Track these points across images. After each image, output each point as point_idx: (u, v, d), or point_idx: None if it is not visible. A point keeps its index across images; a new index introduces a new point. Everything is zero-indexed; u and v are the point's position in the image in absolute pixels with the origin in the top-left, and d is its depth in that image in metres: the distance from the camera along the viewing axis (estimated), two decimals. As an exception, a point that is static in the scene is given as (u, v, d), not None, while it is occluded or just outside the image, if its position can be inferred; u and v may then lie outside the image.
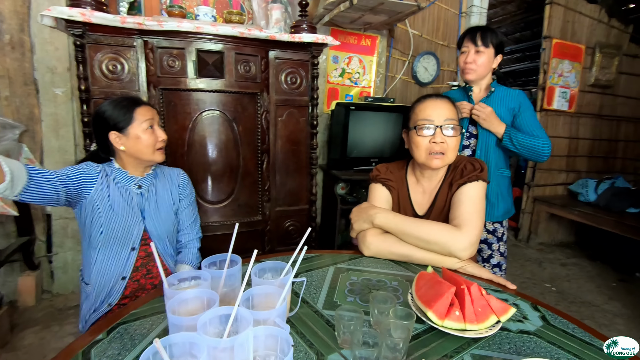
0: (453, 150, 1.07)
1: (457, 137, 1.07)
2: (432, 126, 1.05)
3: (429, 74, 3.10)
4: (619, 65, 3.61)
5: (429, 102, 1.09)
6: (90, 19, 1.44)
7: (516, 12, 4.38)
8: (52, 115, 2.07)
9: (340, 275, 0.98)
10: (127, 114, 1.09)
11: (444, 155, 1.05)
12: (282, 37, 1.75)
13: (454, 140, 1.06)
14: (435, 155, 1.05)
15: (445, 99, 1.09)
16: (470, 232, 0.98)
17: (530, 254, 3.39)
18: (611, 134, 3.84)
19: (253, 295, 0.66)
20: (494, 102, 1.49)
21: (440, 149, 1.05)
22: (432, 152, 1.05)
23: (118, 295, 1.11)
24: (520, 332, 0.74)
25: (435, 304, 0.71)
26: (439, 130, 1.05)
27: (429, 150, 1.06)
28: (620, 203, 3.02)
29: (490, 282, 0.98)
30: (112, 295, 1.11)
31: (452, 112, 1.07)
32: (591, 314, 2.37)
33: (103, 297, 1.11)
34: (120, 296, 1.11)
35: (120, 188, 1.12)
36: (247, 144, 1.83)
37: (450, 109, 1.07)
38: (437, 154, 1.05)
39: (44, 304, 2.13)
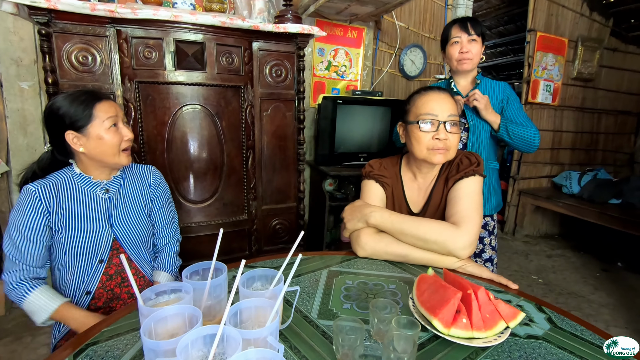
0: (455, 147, 1.02)
1: (459, 133, 1.02)
2: (436, 122, 0.99)
3: (416, 67, 3.06)
4: (600, 58, 3.66)
5: (432, 95, 1.02)
6: (56, 6, 1.31)
7: (500, 6, 4.38)
8: (19, 111, 1.92)
9: (334, 280, 0.91)
10: (86, 111, 0.96)
11: (447, 151, 1.00)
12: (266, 27, 1.66)
13: (456, 137, 1.01)
14: (438, 150, 1.00)
15: (447, 93, 1.03)
16: (469, 229, 0.93)
17: (516, 246, 3.42)
18: (593, 127, 3.91)
19: (241, 310, 0.59)
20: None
21: (444, 146, 0.99)
22: (435, 149, 1.00)
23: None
24: (528, 337, 0.70)
25: (441, 312, 0.65)
26: (443, 126, 0.99)
27: (431, 146, 1.00)
28: (602, 194, 3.07)
29: (491, 282, 0.93)
30: None
31: (454, 107, 1.02)
32: (578, 305, 2.40)
33: None
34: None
35: (83, 196, 1.01)
36: (231, 140, 1.74)
37: (452, 104, 1.02)
38: (440, 149, 1.00)
39: (15, 313, 1.99)
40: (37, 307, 0.93)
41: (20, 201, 0.94)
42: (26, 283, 0.94)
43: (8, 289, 0.93)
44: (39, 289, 0.94)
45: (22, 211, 0.93)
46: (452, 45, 1.44)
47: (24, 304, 0.93)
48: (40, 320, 0.94)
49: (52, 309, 0.93)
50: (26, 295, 0.93)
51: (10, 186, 1.99)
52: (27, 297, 0.93)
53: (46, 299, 0.93)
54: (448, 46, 1.47)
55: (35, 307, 0.93)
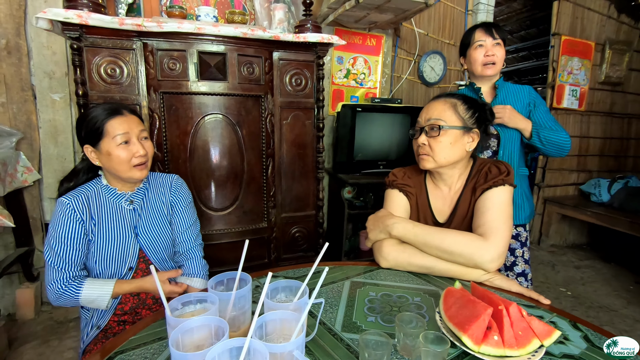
0: (440, 151, 1.00)
1: (442, 136, 0.99)
2: (418, 129, 1.05)
3: (436, 74, 3.02)
4: (629, 61, 3.53)
5: (427, 104, 1.07)
6: (87, 21, 1.37)
7: (522, 10, 4.30)
8: (50, 122, 2.01)
9: (357, 291, 0.90)
10: (98, 128, 0.98)
11: (428, 156, 1.02)
12: (286, 37, 1.68)
13: (437, 140, 1.00)
14: (421, 156, 1.04)
15: (442, 98, 1.04)
16: (498, 242, 0.90)
17: (542, 256, 3.30)
18: (622, 132, 3.75)
19: (266, 322, 0.58)
20: (507, 100, 1.41)
21: (424, 152, 1.02)
22: (420, 154, 1.05)
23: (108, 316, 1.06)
24: (564, 357, 0.66)
25: (470, 328, 0.63)
26: (423, 133, 1.03)
27: (417, 152, 1.06)
28: (635, 203, 2.93)
29: (521, 296, 0.90)
30: (101, 316, 1.06)
31: (437, 111, 1.01)
32: (610, 320, 2.28)
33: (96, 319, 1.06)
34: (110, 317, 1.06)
35: (111, 207, 1.05)
36: (251, 149, 1.76)
37: (440, 108, 1.01)
38: (423, 155, 1.03)
39: (43, 317, 2.06)
40: (95, 295, 0.99)
41: (57, 213, 0.99)
42: (73, 283, 0.98)
43: (58, 295, 0.98)
44: (87, 282, 1.00)
45: (59, 221, 0.98)
46: (476, 49, 1.41)
47: (81, 300, 0.99)
48: (104, 304, 1.01)
49: (109, 291, 1.00)
50: (78, 292, 0.98)
51: (41, 194, 2.07)
52: (80, 293, 0.98)
53: (99, 286, 1.00)
54: (471, 50, 1.43)
55: (94, 296, 0.99)
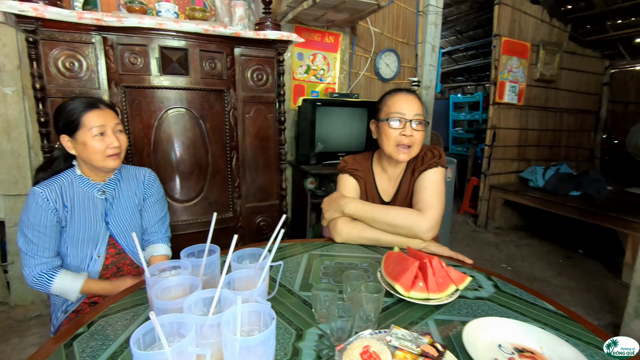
0: (419, 144, 1.15)
1: (423, 131, 1.14)
2: (404, 119, 1.12)
3: (391, 70, 3.22)
4: (560, 61, 3.94)
5: (401, 96, 1.15)
6: (44, 14, 1.38)
7: (469, 11, 4.64)
8: (2, 116, 1.95)
9: (314, 261, 1.03)
10: (76, 119, 1.04)
11: (410, 148, 1.13)
12: (247, 34, 1.76)
13: (421, 134, 1.14)
14: (402, 149, 1.12)
15: (415, 95, 1.16)
16: (432, 215, 1.07)
17: (488, 238, 3.63)
18: (555, 125, 4.20)
19: (234, 279, 0.69)
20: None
21: (409, 142, 1.11)
22: (400, 145, 1.12)
23: (77, 303, 1.11)
24: (476, 299, 0.84)
25: (402, 278, 0.78)
26: (409, 123, 1.12)
27: (398, 142, 1.12)
28: (564, 187, 3.31)
29: (450, 258, 1.07)
30: (72, 303, 1.11)
31: (420, 107, 1.15)
32: (542, 288, 2.60)
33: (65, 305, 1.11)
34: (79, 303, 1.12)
35: (83, 197, 1.10)
36: (215, 142, 1.83)
37: (419, 105, 1.15)
38: (405, 147, 1.12)
39: (1, 317, 2.01)
40: (65, 287, 1.05)
41: (30, 202, 1.03)
42: (46, 274, 1.04)
43: (32, 282, 1.04)
44: (59, 274, 1.05)
45: (32, 210, 1.02)
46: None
47: (52, 289, 1.05)
48: (74, 297, 1.07)
49: (79, 286, 1.06)
50: (50, 283, 1.04)
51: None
52: (52, 285, 1.04)
53: (69, 280, 1.05)
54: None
55: (64, 288, 1.05)
